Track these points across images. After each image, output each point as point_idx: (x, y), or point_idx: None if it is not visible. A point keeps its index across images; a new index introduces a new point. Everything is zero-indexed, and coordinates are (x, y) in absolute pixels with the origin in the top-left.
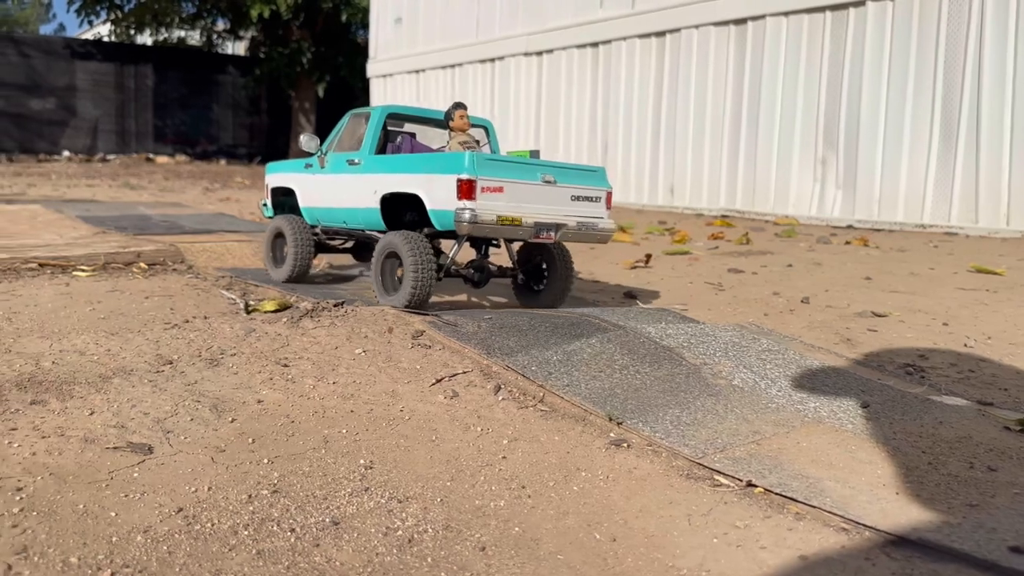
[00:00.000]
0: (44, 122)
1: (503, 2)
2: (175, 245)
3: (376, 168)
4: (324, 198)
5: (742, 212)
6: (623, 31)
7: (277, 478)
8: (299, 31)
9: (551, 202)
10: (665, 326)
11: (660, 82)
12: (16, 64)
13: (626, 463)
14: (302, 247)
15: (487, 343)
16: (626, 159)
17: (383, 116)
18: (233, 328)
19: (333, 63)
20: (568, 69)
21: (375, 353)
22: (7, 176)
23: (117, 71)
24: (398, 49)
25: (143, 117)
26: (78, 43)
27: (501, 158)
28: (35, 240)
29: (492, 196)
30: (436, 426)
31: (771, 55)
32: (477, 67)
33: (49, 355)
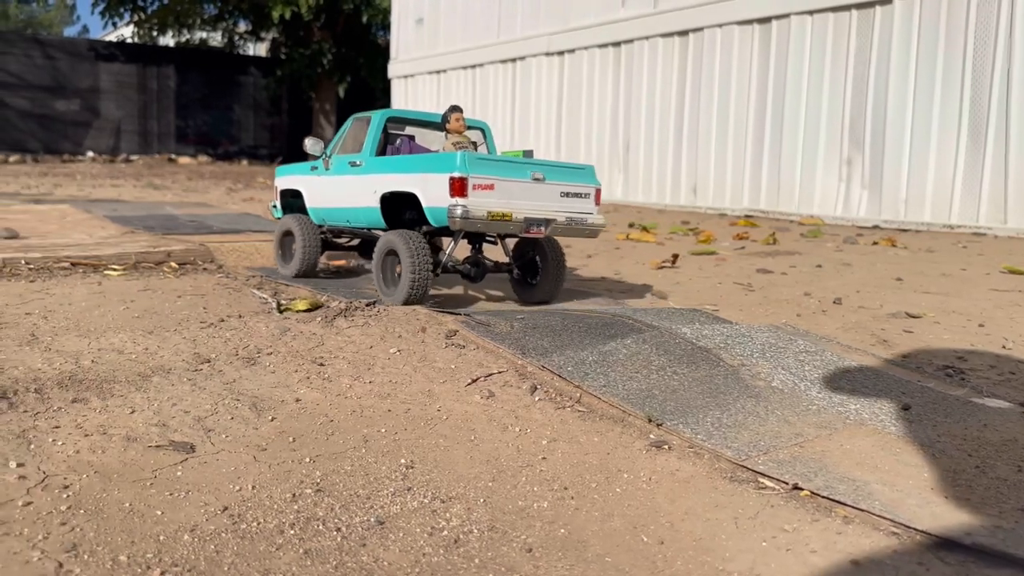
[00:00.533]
0: (68, 123)
1: (525, 2)
2: (205, 245)
3: (376, 169)
4: (329, 198)
5: (766, 212)
6: (645, 30)
7: (320, 477)
8: (320, 32)
9: (541, 198)
10: (700, 327)
11: (683, 81)
12: (42, 66)
13: (668, 465)
14: (309, 245)
15: (521, 343)
16: (648, 159)
17: (383, 120)
18: (268, 327)
19: (354, 64)
20: (590, 69)
21: (409, 353)
22: (33, 176)
23: (140, 72)
24: (419, 50)
25: (165, 118)
26: (102, 45)
27: (491, 157)
28: (66, 239)
29: (483, 193)
30: (474, 426)
31: (796, 54)
32: (498, 67)
33: (88, 353)
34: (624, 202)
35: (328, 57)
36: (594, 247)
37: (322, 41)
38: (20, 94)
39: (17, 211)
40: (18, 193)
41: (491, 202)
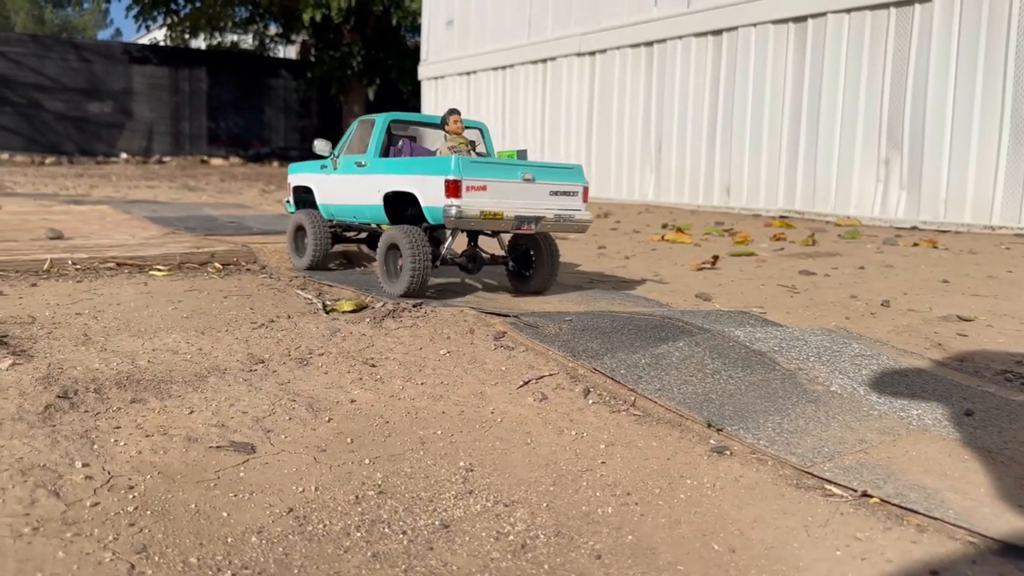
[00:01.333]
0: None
1: (556, 3)
2: (247, 246)
3: (379, 170)
4: (337, 196)
5: (801, 213)
6: (678, 30)
7: (381, 479)
8: (350, 34)
9: (531, 197)
10: (752, 330)
11: (716, 81)
12: (77, 69)
13: (731, 471)
14: (320, 239)
15: (571, 345)
16: (680, 159)
17: (386, 122)
18: (318, 328)
19: (383, 66)
20: (621, 69)
21: (459, 354)
22: (69, 177)
23: (172, 75)
24: (449, 51)
25: (197, 120)
26: (136, 48)
27: (484, 161)
28: (109, 240)
29: (476, 194)
30: (529, 429)
31: (832, 53)
32: (528, 68)
33: (143, 354)
34: (656, 203)
35: (358, 59)
36: (631, 248)
37: (352, 43)
38: (56, 97)
39: (59, 212)
40: (56, 194)
41: (483, 202)
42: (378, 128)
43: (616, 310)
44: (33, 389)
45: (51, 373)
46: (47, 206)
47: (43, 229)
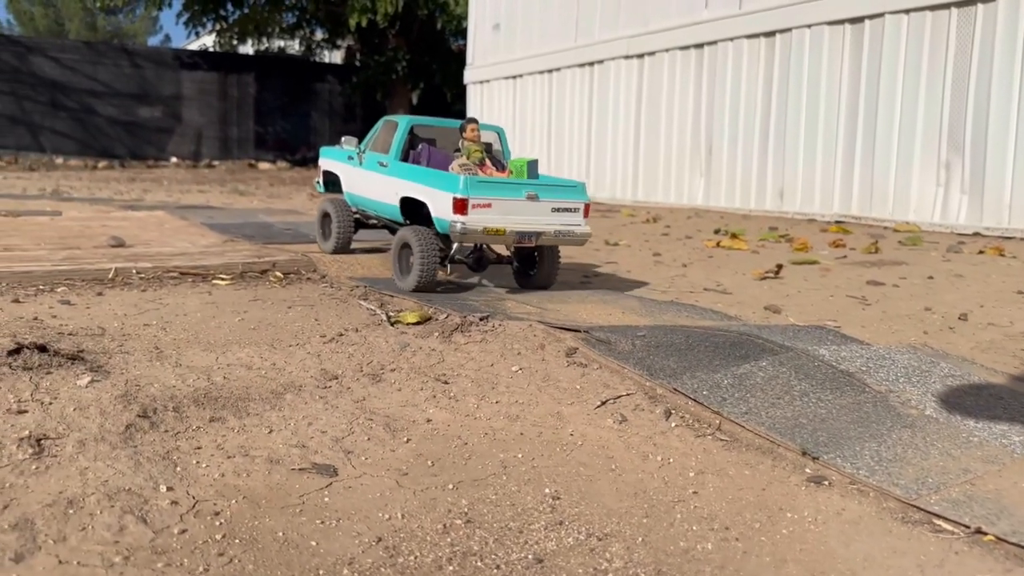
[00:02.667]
0: (153, 129)
1: (603, 5)
2: (307, 255)
3: (398, 174)
4: (360, 188)
5: (858, 218)
6: (730, 32)
7: (467, 506)
8: (395, 39)
9: (533, 214)
10: (836, 348)
11: (769, 83)
12: (129, 74)
13: (831, 503)
14: (344, 225)
15: (647, 363)
16: (731, 163)
17: (408, 126)
18: (388, 342)
19: (427, 70)
20: (670, 71)
21: (532, 371)
22: (122, 181)
23: (221, 80)
24: (495, 55)
25: (245, 124)
26: (186, 54)
27: (491, 180)
28: (170, 248)
29: (481, 211)
30: (612, 453)
31: (891, 54)
32: (575, 71)
33: (218, 369)
34: (705, 207)
35: (402, 64)
36: (686, 255)
37: (397, 48)
38: (109, 102)
39: (117, 218)
40: (112, 199)
41: (487, 218)
42: (400, 131)
43: (687, 324)
44: (113, 408)
45: (129, 391)
46: (105, 211)
47: (104, 236)
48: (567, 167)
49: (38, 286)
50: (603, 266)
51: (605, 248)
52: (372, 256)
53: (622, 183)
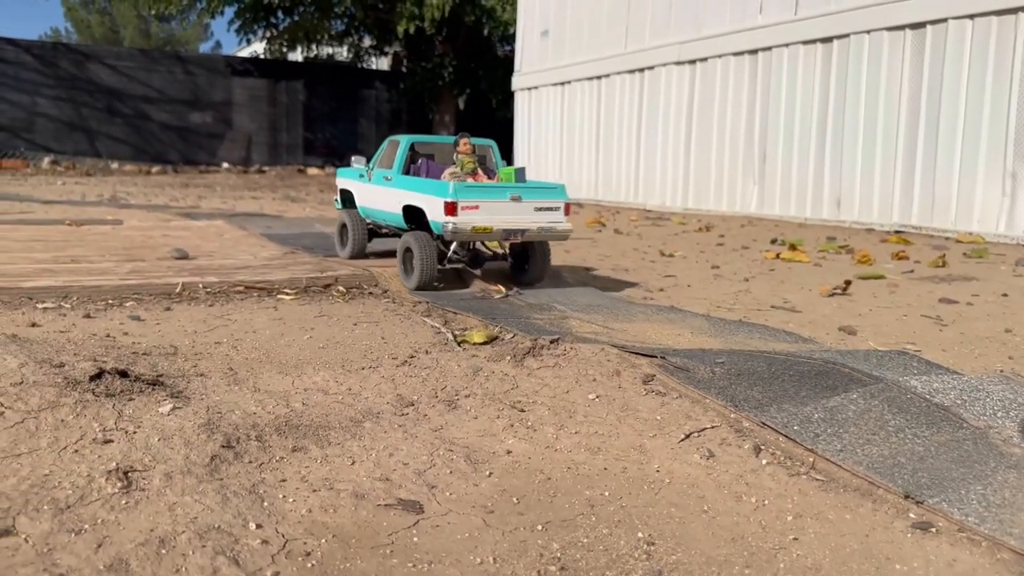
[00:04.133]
0: (204, 135)
1: (655, 11)
2: (368, 269)
3: (400, 185)
4: (369, 201)
5: (918, 228)
6: (785, 38)
7: (559, 551)
8: (442, 46)
9: (517, 213)
10: (928, 378)
11: (826, 90)
12: (182, 81)
13: (941, 553)
14: (358, 235)
15: (729, 393)
16: (786, 170)
17: (408, 144)
18: (460, 366)
19: (473, 76)
20: (723, 77)
21: (609, 399)
22: (176, 187)
23: (270, 87)
24: (543, 62)
25: (294, 130)
26: (237, 61)
27: (477, 185)
28: (232, 260)
29: (470, 212)
30: (703, 493)
31: (953, 60)
32: (625, 77)
33: (296, 394)
34: (759, 215)
35: (449, 70)
36: (746, 268)
37: (443, 55)
38: (163, 108)
39: (177, 228)
40: (168, 206)
41: (476, 218)
42: (402, 148)
43: (761, 346)
44: (197, 437)
45: (211, 419)
46: (165, 220)
47: (166, 246)
48: (615, 173)
49: (107, 300)
50: (662, 280)
51: (661, 260)
52: None
53: (672, 190)
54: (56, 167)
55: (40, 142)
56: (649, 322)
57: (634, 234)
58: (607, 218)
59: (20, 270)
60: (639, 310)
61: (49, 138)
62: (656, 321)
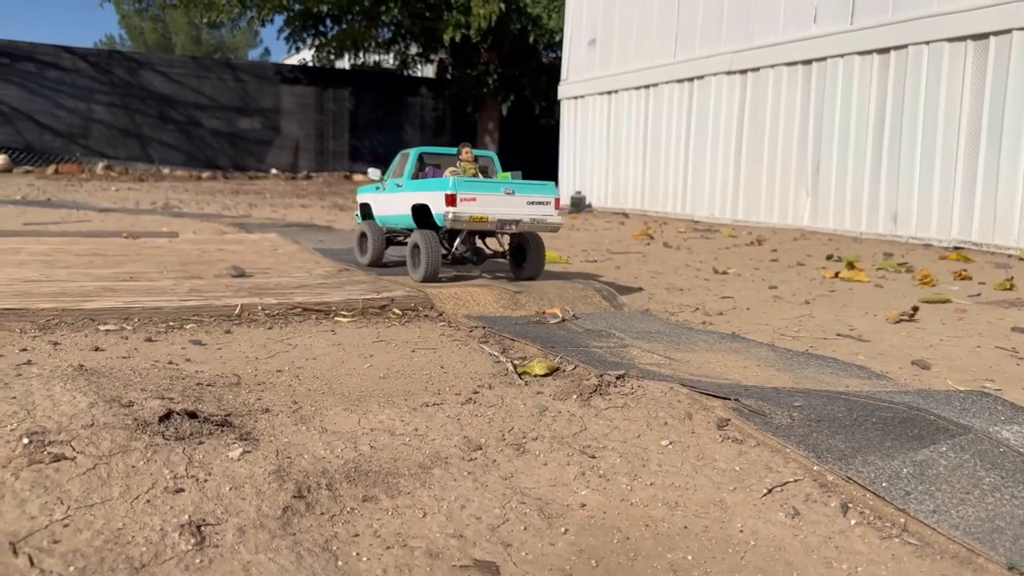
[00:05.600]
0: (253, 141)
1: (705, 20)
2: (423, 290)
3: (409, 188)
4: (384, 208)
5: (979, 244)
6: (840, 48)
7: None
8: (487, 53)
9: (511, 206)
10: (1019, 428)
11: (882, 101)
12: (232, 88)
13: None
14: (377, 242)
15: (810, 442)
16: (840, 183)
17: (417, 154)
18: (526, 404)
19: (517, 83)
20: (775, 88)
21: (683, 446)
22: (227, 194)
23: (318, 94)
24: (590, 71)
25: (341, 137)
26: (287, 69)
27: (475, 180)
28: (287, 278)
29: (468, 203)
30: (791, 558)
31: (1017, 72)
32: (673, 87)
33: (363, 436)
34: (812, 228)
35: (493, 77)
36: (805, 288)
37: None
38: (214, 115)
39: (232, 241)
40: (220, 215)
41: (473, 209)
42: (411, 159)
43: (835, 384)
44: (268, 486)
45: (281, 464)
46: (219, 233)
47: (222, 261)
48: (663, 183)
49: (168, 322)
50: (720, 302)
51: (715, 278)
52: (484, 290)
53: (721, 201)
54: (110, 172)
55: (95, 148)
56: (712, 352)
57: (684, 248)
58: (655, 230)
59: (81, 288)
60: (700, 338)
61: (103, 144)
62: (720, 351)
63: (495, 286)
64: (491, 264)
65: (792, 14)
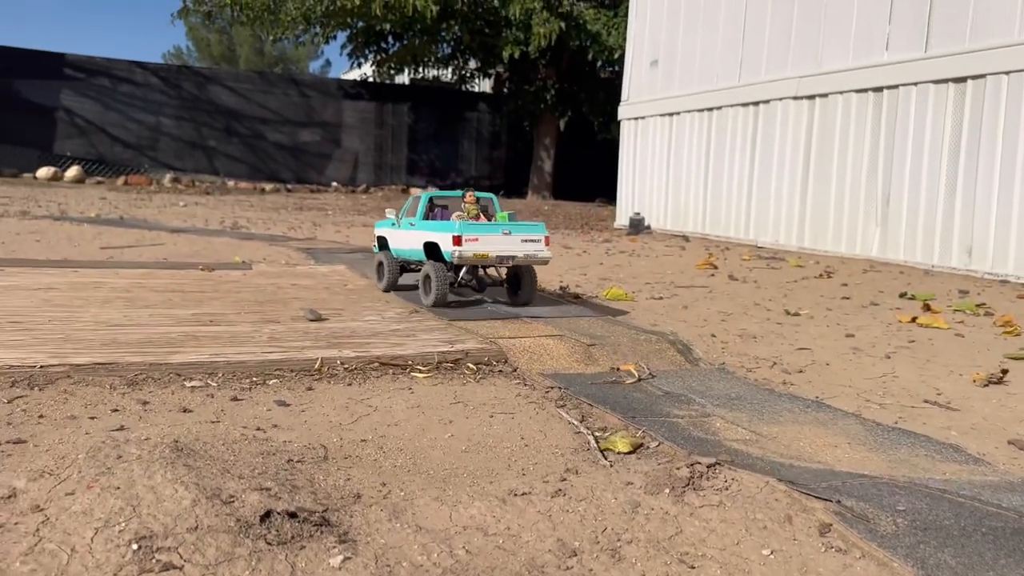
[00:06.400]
0: (314, 154)
1: (772, 44)
2: (495, 342)
3: (421, 228)
4: (399, 243)
5: None
6: (913, 76)
7: None
8: (545, 69)
9: (508, 244)
10: None
11: (957, 131)
12: (297, 103)
13: None
14: (392, 271)
15: (919, 556)
16: (912, 214)
17: (428, 198)
18: (617, 499)
19: (575, 99)
20: (844, 115)
21: (785, 557)
22: (290, 209)
23: (378, 108)
24: (652, 92)
25: (399, 151)
26: (349, 84)
27: (478, 224)
28: (360, 322)
29: (471, 243)
30: None
31: None
32: (738, 110)
33: (456, 535)
34: (881, 259)
35: (551, 93)
36: (884, 338)
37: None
38: (278, 129)
39: (302, 275)
40: (287, 237)
41: (476, 247)
42: (423, 202)
43: (932, 470)
44: None
45: (381, 574)
46: (288, 261)
47: (296, 300)
48: (725, 208)
49: (252, 377)
50: (796, 354)
51: (787, 321)
52: (556, 341)
53: (786, 228)
54: (177, 184)
55: (163, 160)
56: (798, 424)
57: (750, 281)
58: (717, 257)
59: (166, 336)
60: (784, 405)
61: (171, 156)
62: (806, 423)
63: (568, 338)
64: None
65: (863, 40)
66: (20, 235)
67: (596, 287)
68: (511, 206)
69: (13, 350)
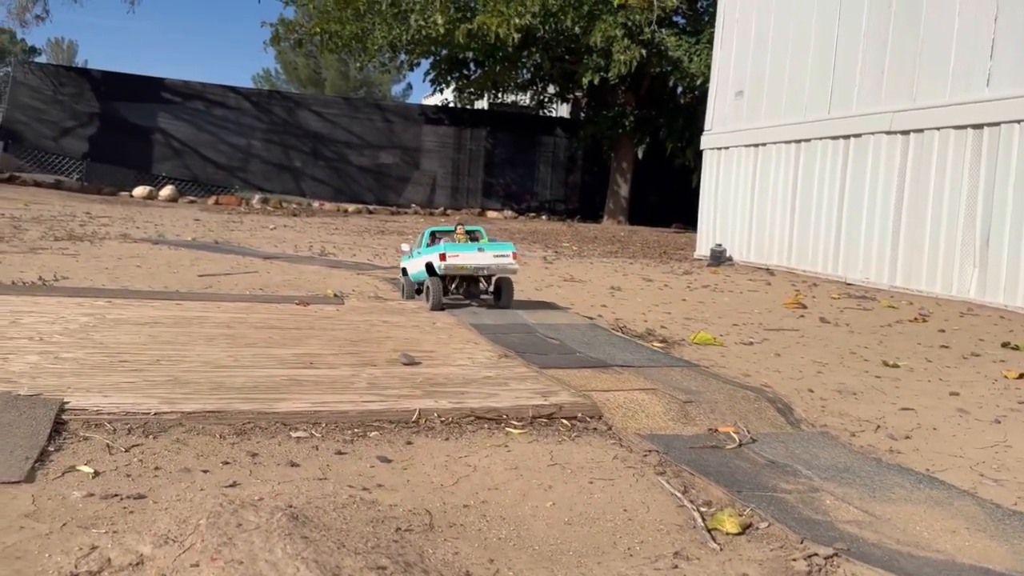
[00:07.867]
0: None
1: (864, 77)
2: (588, 395)
3: (423, 253)
4: (413, 268)
5: None
6: (1016, 114)
7: None
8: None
9: (482, 258)
10: None
11: None
12: (380, 128)
13: None
14: (410, 291)
15: None
16: (1014, 257)
17: (430, 232)
18: None
19: (653, 124)
20: (941, 151)
21: None
22: (373, 233)
23: (457, 133)
24: (736, 123)
25: (476, 175)
26: (431, 110)
27: (457, 245)
28: (452, 368)
29: (453, 258)
30: None
31: None
32: (827, 143)
33: None
34: (979, 301)
35: (630, 119)
36: (992, 397)
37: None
38: (361, 152)
39: (393, 312)
40: (373, 265)
41: (457, 262)
42: (425, 236)
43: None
44: None
45: None
46: (378, 293)
47: (389, 340)
48: (812, 242)
49: (353, 429)
50: (900, 416)
51: (886, 374)
52: (651, 396)
53: (877, 265)
54: (265, 205)
55: (252, 181)
56: (912, 504)
57: (842, 323)
58: (804, 294)
59: (269, 379)
60: (895, 480)
61: (260, 177)
62: (919, 502)
63: (663, 392)
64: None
65: (962, 76)
66: (122, 259)
67: (682, 328)
68: (586, 231)
69: (127, 394)
